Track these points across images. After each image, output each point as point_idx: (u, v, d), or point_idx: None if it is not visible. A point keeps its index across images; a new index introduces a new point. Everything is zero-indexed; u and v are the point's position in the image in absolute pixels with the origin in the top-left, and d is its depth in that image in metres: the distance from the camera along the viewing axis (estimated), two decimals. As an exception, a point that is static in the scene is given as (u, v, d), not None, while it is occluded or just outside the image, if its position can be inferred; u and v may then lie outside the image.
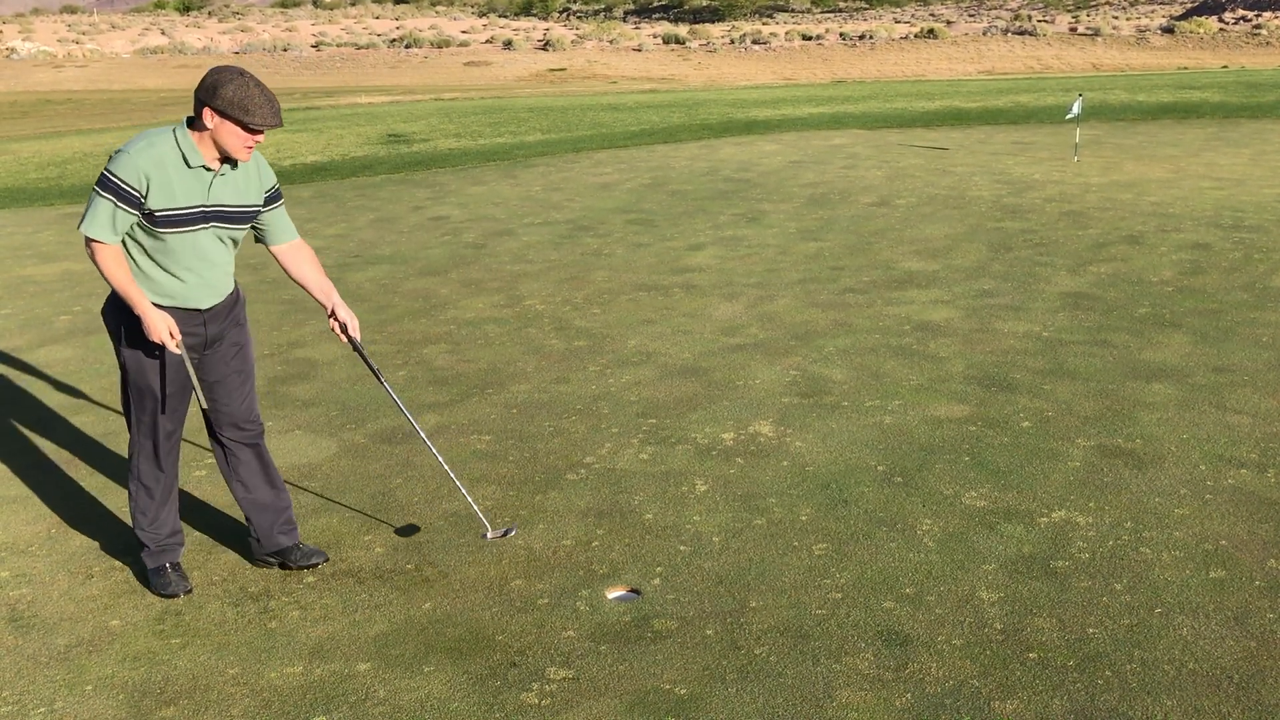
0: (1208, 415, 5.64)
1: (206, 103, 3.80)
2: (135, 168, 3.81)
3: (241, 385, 4.26)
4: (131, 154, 3.82)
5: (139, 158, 3.82)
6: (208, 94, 3.79)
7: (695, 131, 19.06)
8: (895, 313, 7.63)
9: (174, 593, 4.20)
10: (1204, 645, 3.67)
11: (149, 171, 3.82)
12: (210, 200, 3.96)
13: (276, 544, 4.37)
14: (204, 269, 4.03)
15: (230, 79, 3.80)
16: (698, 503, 4.84)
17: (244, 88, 3.79)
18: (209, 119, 3.82)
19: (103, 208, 3.83)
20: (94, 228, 3.86)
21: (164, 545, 4.27)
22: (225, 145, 3.87)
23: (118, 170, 3.81)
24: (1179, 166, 13.44)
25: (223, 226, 4.04)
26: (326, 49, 62.68)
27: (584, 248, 10.09)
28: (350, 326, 4.32)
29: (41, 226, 12.22)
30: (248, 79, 3.82)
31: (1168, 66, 43.20)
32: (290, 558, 4.37)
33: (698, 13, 79.56)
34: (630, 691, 3.53)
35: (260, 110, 3.80)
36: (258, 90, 3.81)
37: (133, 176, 3.80)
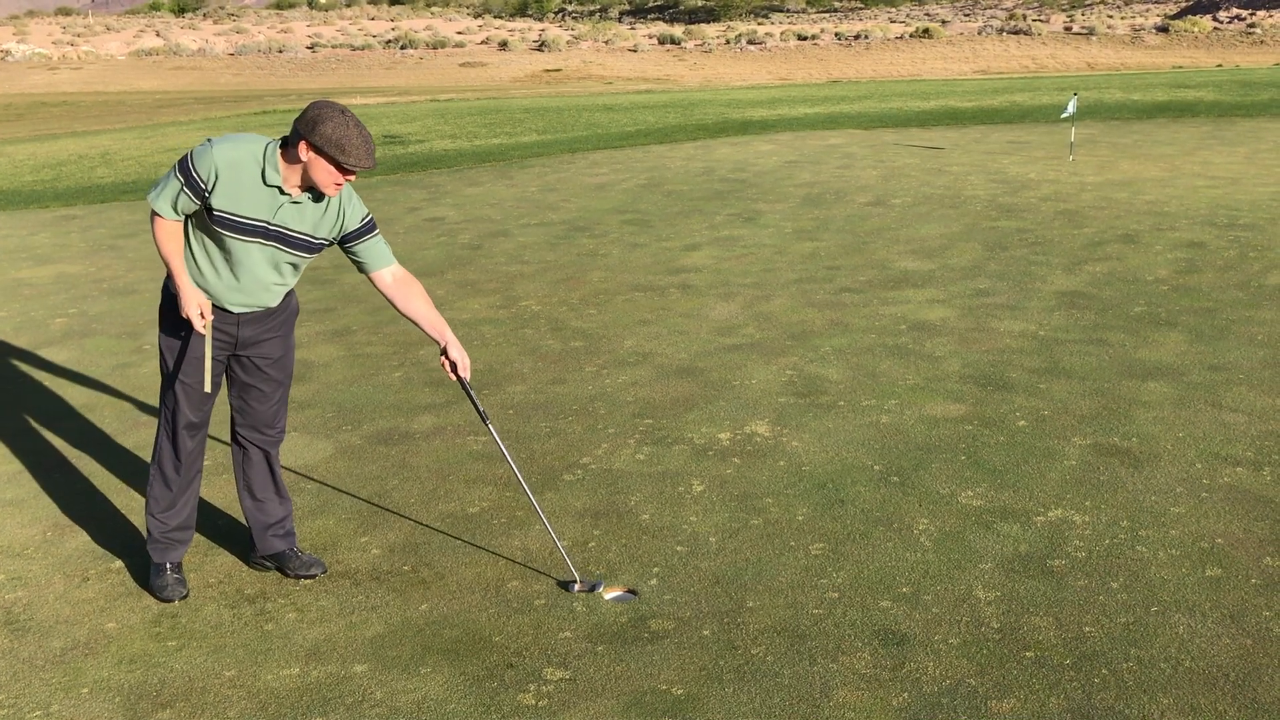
0: (1203, 413, 5.64)
1: (305, 136, 3.81)
2: (210, 161, 3.84)
3: (272, 394, 4.28)
4: (215, 148, 3.86)
5: (218, 154, 3.85)
6: (307, 128, 3.80)
7: (691, 132, 19.07)
8: (891, 312, 7.64)
9: (169, 597, 4.19)
10: (1200, 643, 3.68)
11: (221, 170, 3.85)
12: (275, 220, 3.96)
13: (272, 548, 4.37)
14: (245, 278, 4.03)
15: (331, 116, 3.80)
16: (694, 503, 4.84)
17: (343, 126, 3.79)
18: (304, 152, 3.83)
19: (171, 186, 3.89)
20: (159, 201, 3.92)
21: (170, 537, 4.25)
22: (315, 179, 3.87)
23: (195, 157, 3.86)
24: (1174, 165, 13.46)
25: (281, 249, 4.02)
26: (322, 50, 62.63)
27: (580, 248, 10.08)
28: (461, 366, 4.29)
29: (37, 229, 12.20)
30: (348, 118, 3.82)
31: (1162, 65, 43.26)
32: (288, 564, 4.36)
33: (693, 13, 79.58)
34: (627, 692, 3.53)
35: (356, 152, 3.81)
36: (356, 130, 3.82)
37: (205, 168, 3.84)
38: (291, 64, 58.48)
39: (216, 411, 4.80)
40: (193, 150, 3.90)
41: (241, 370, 4.22)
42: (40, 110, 36.48)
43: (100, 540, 4.69)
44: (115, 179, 16.32)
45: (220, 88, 49.11)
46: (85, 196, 14.54)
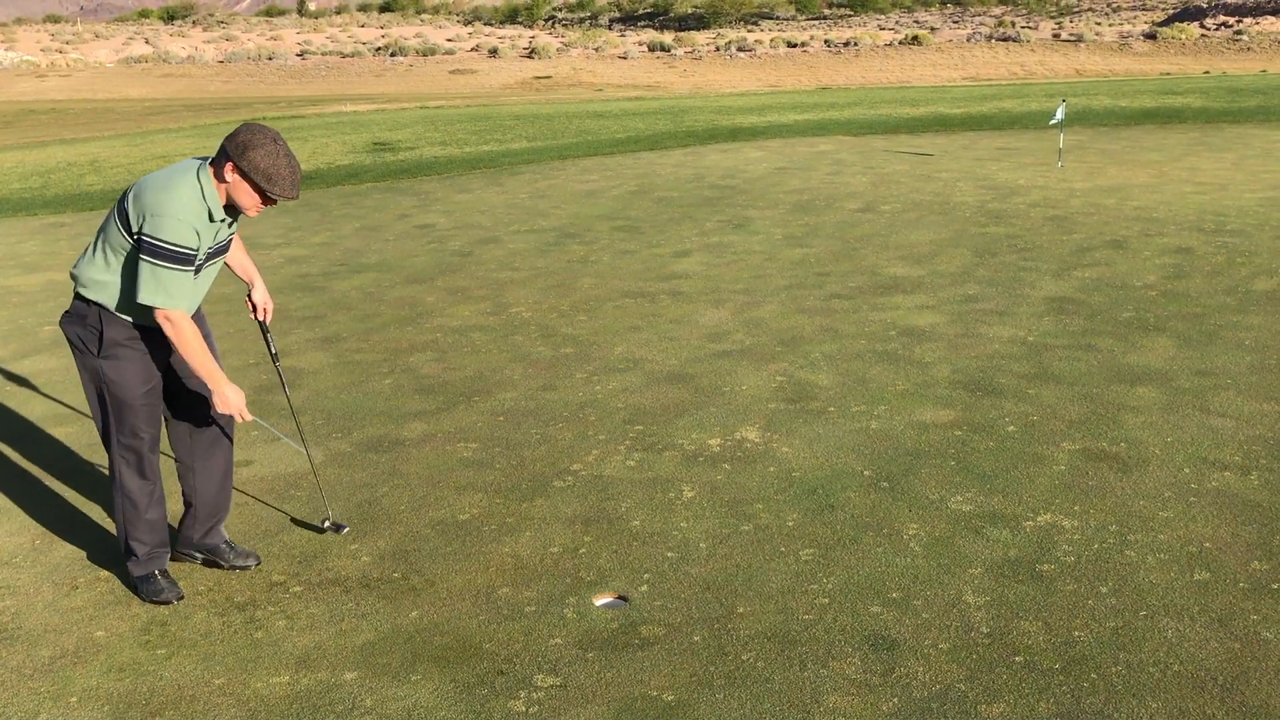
0: (1191, 418, 5.67)
1: (234, 160, 3.81)
2: (190, 231, 3.83)
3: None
4: (180, 218, 3.81)
5: (188, 220, 3.82)
6: (237, 152, 3.80)
7: (681, 138, 19.10)
8: (881, 318, 7.66)
9: (166, 599, 4.19)
10: (1189, 647, 3.69)
11: (198, 229, 3.87)
12: (216, 241, 4.04)
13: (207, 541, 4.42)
14: (199, 297, 4.14)
15: (263, 144, 3.80)
16: (685, 509, 4.84)
17: (274, 156, 3.80)
18: (229, 173, 3.84)
19: (174, 278, 3.84)
20: (171, 300, 3.87)
21: (153, 554, 4.27)
22: (237, 200, 3.90)
23: (177, 239, 3.81)
24: (1162, 171, 13.52)
25: (219, 258, 4.16)
26: (311, 57, 62.59)
27: (570, 255, 10.09)
28: (261, 310, 4.45)
29: (25, 237, 12.17)
30: (279, 147, 3.83)
31: (1150, 72, 43.48)
32: (223, 556, 4.42)
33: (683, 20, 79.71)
34: (618, 698, 3.53)
35: (283, 183, 3.83)
36: (286, 161, 3.83)
37: (191, 239, 3.84)
38: (281, 71, 58.44)
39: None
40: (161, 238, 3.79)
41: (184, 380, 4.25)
42: (28, 118, 36.38)
43: (89, 549, 4.68)
44: (104, 186, 16.28)
45: (209, 95, 49.05)
46: (74, 204, 14.51)
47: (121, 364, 4.06)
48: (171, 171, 3.94)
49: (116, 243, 3.94)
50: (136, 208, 3.86)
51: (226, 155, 3.82)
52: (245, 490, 5.19)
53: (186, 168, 3.93)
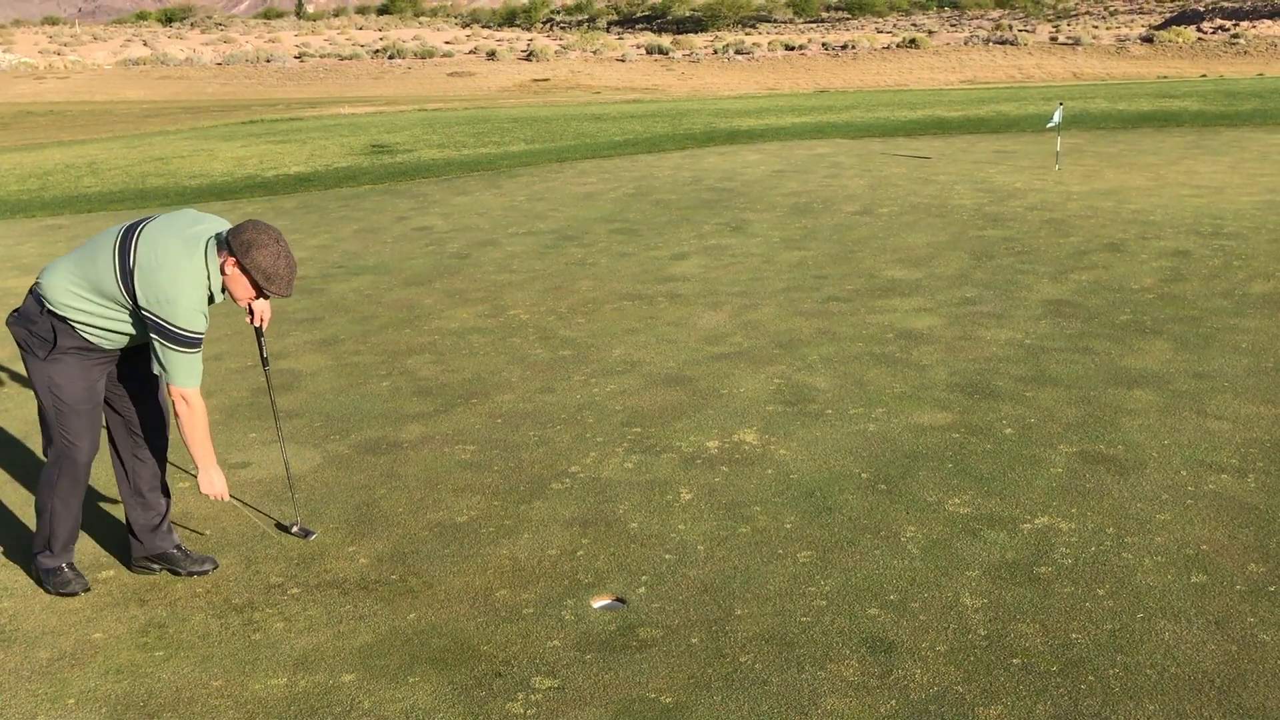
0: (1188, 421, 5.67)
1: (237, 256, 3.92)
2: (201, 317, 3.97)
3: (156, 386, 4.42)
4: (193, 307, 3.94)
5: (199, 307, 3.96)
6: (241, 249, 3.92)
7: (679, 141, 19.11)
8: (878, 321, 7.67)
9: (74, 591, 4.27)
10: (1185, 650, 3.69)
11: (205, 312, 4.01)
12: None
13: (159, 548, 4.44)
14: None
15: (266, 244, 3.93)
16: (683, 511, 4.85)
17: (275, 257, 3.94)
18: (229, 267, 3.96)
19: (192, 362, 3.99)
20: (191, 380, 4.02)
21: (66, 548, 4.35)
22: (231, 290, 4.03)
23: (190, 325, 3.94)
24: (1159, 174, 13.54)
25: None
26: (310, 60, 62.60)
27: (568, 257, 10.10)
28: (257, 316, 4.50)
29: (23, 238, 12.17)
30: (281, 248, 3.96)
31: (1147, 75, 43.54)
32: (178, 563, 4.45)
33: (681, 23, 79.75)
34: (616, 700, 3.53)
35: (280, 282, 3.98)
36: (285, 262, 3.97)
37: (201, 324, 3.99)
38: (279, 73, 58.45)
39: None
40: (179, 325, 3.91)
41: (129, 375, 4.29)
42: (26, 120, 36.37)
43: (86, 551, 4.67)
44: (102, 188, 16.28)
45: (208, 97, 49.05)
46: (72, 206, 14.51)
47: (68, 369, 4.11)
48: (181, 248, 3.97)
49: (108, 290, 3.99)
50: (146, 283, 3.91)
51: (230, 250, 3.94)
52: (242, 492, 5.19)
53: (193, 246, 3.98)
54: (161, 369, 3.99)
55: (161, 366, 3.98)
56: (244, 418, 6.21)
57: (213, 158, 19.54)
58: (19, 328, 4.15)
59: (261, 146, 21.10)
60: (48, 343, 4.08)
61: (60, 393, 4.12)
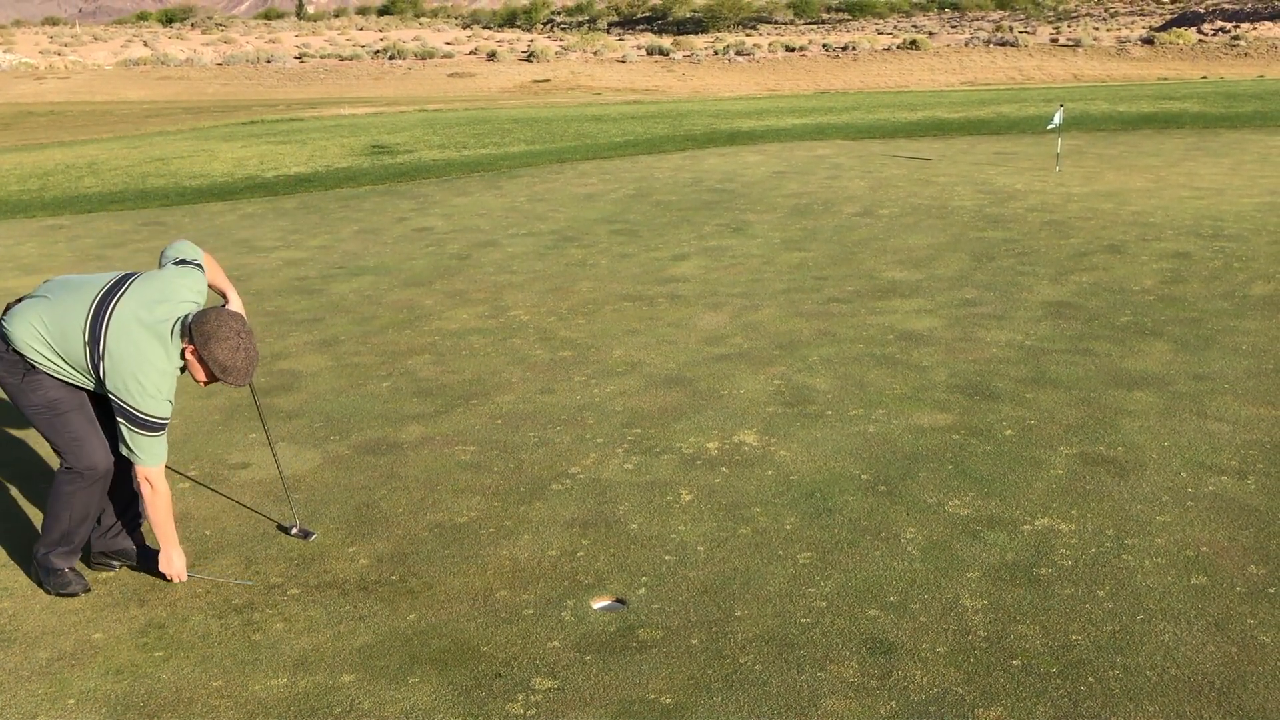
0: (1188, 423, 5.68)
1: (196, 345, 3.98)
2: (166, 404, 4.02)
3: None
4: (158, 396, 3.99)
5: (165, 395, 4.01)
6: (200, 340, 3.97)
7: (679, 142, 19.11)
8: (879, 322, 7.67)
9: (74, 591, 4.28)
10: (1185, 651, 3.69)
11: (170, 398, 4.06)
12: None
13: (118, 544, 4.46)
14: None
15: (226, 339, 3.98)
16: (683, 512, 4.85)
17: (234, 351, 3.98)
18: (189, 353, 4.02)
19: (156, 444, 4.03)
20: (156, 460, 4.06)
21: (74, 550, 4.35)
22: (192, 373, 4.09)
23: (156, 413, 3.99)
24: (1159, 176, 13.54)
25: None
26: (310, 60, 62.62)
27: (568, 258, 10.10)
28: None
29: (23, 239, 12.17)
30: (241, 342, 4.00)
31: (1148, 77, 43.56)
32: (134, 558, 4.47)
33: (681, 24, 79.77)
34: (615, 701, 3.53)
35: (236, 375, 4.03)
36: (244, 356, 4.01)
37: (167, 411, 4.04)
38: (279, 74, 58.48)
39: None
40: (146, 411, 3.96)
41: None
42: (27, 120, 36.39)
43: (86, 551, 4.67)
44: (102, 189, 16.28)
45: (208, 97, 49.07)
46: (72, 206, 14.51)
47: (45, 382, 4.13)
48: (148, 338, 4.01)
49: (75, 357, 4.03)
50: (114, 371, 3.96)
51: (190, 337, 3.99)
52: (242, 493, 5.20)
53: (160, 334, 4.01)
54: (128, 450, 4.03)
55: (128, 448, 4.02)
56: (244, 418, 6.21)
57: (213, 158, 19.55)
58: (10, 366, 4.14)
59: (262, 147, 21.11)
60: (18, 369, 4.12)
61: (49, 402, 4.13)
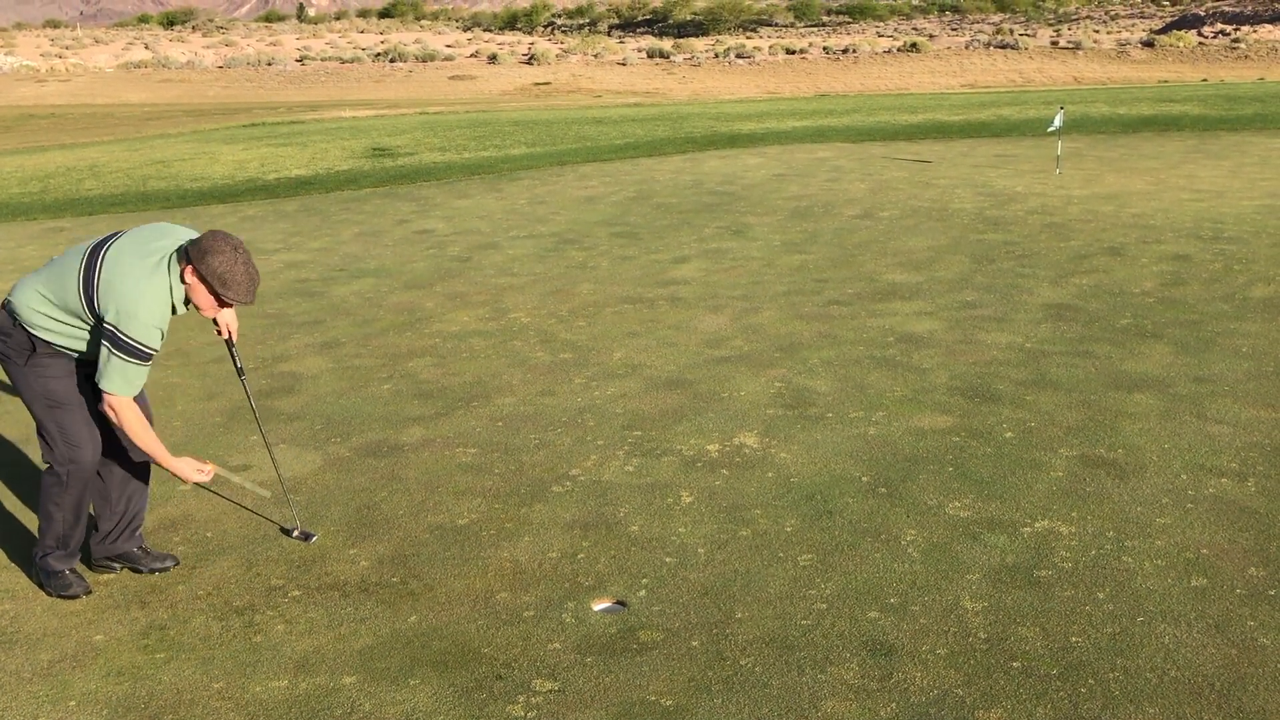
0: (1189, 425, 5.68)
1: (194, 263, 3.94)
2: (157, 334, 3.97)
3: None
4: (150, 323, 3.94)
5: (156, 324, 3.96)
6: (197, 256, 3.93)
7: (680, 145, 19.12)
8: (879, 324, 7.67)
9: (75, 594, 4.28)
10: (1186, 653, 3.70)
11: (163, 329, 4.01)
12: None
13: (119, 548, 4.45)
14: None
15: (221, 250, 3.94)
16: (683, 514, 4.85)
17: (231, 263, 3.94)
18: (188, 276, 3.97)
19: (135, 371, 3.97)
20: (129, 389, 3.99)
21: (72, 553, 4.35)
22: (195, 301, 4.04)
23: (145, 339, 3.93)
24: (1159, 179, 13.55)
25: None
26: (311, 63, 62.67)
27: (569, 260, 10.10)
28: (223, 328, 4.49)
29: (24, 241, 12.18)
30: (239, 255, 3.96)
31: (1148, 80, 43.58)
32: (139, 562, 4.46)
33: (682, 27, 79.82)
34: (616, 703, 3.54)
35: (238, 289, 3.97)
36: (244, 268, 3.96)
37: (156, 341, 3.98)
38: (280, 77, 58.52)
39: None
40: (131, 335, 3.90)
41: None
42: (28, 122, 36.41)
43: (87, 553, 4.67)
44: (103, 191, 16.30)
45: (209, 100, 49.10)
46: (73, 209, 14.53)
47: (50, 368, 4.13)
48: (144, 265, 3.98)
49: (73, 307, 4.01)
50: (107, 297, 3.93)
51: (188, 258, 3.96)
52: (243, 495, 5.20)
53: (156, 262, 3.99)
54: (105, 379, 3.95)
55: (106, 376, 3.94)
56: (245, 420, 6.21)
57: (214, 161, 19.56)
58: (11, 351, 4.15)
59: (263, 149, 21.13)
60: (25, 351, 4.12)
61: (50, 393, 4.13)
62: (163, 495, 5.19)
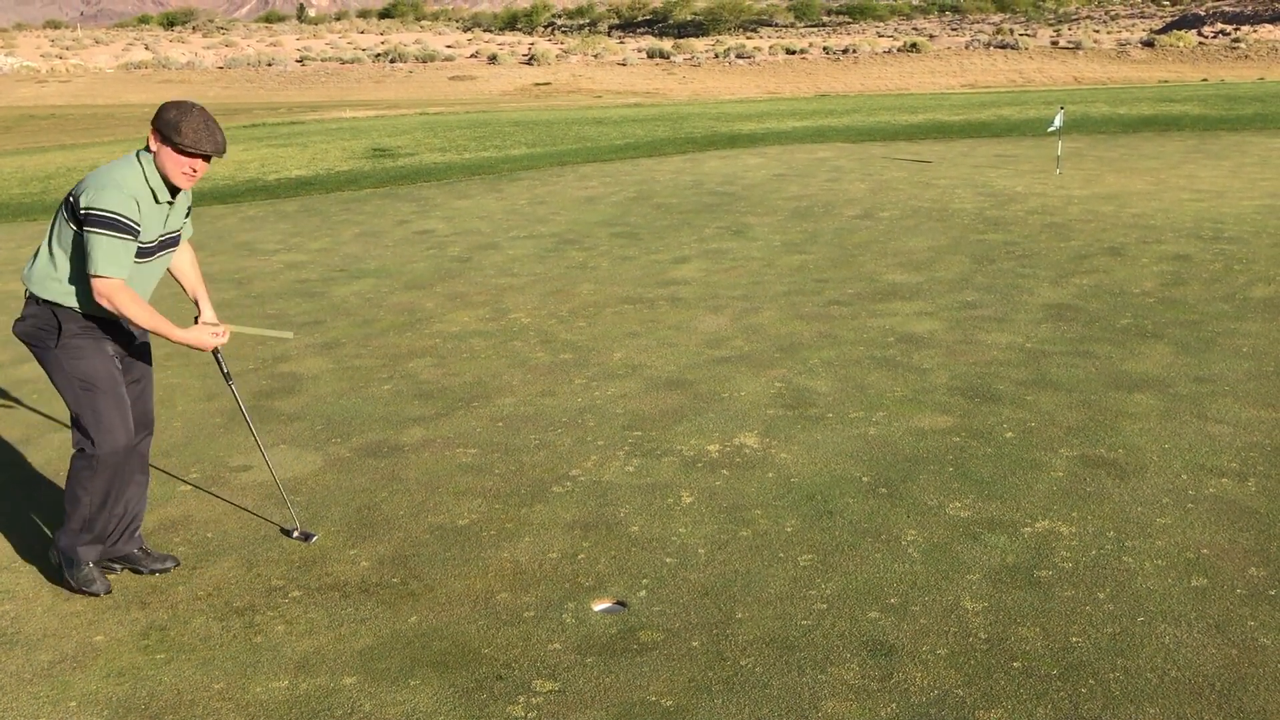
0: (1189, 425, 5.68)
1: (153, 126, 3.97)
2: (130, 201, 3.92)
3: (150, 382, 4.47)
4: (121, 189, 3.91)
5: (129, 191, 3.92)
6: (155, 120, 3.97)
7: (680, 145, 19.13)
8: (879, 325, 7.67)
9: (96, 590, 4.26)
10: (1186, 653, 3.70)
11: (139, 200, 3.96)
12: (168, 228, 4.18)
13: (120, 550, 4.43)
14: (149, 290, 4.23)
15: (176, 105, 3.98)
16: (683, 514, 4.85)
17: (186, 114, 3.94)
18: (153, 142, 3.98)
19: (115, 246, 3.91)
20: (111, 268, 3.93)
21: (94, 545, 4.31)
22: (167, 171, 4.00)
23: (117, 207, 3.89)
24: (1160, 179, 13.55)
25: (170, 251, 4.27)
26: (311, 63, 62.68)
27: (569, 261, 10.11)
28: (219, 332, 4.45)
29: (24, 242, 12.18)
30: (195, 109, 3.97)
31: (1148, 79, 43.58)
32: (140, 563, 4.46)
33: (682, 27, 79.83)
34: (616, 703, 3.54)
35: (192, 134, 3.92)
36: (200, 118, 3.95)
37: (132, 209, 3.93)
38: (280, 77, 58.52)
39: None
40: (102, 207, 3.87)
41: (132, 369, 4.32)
42: (28, 123, 36.42)
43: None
44: (104, 192, 16.29)
45: (209, 101, 49.10)
46: (73, 209, 14.51)
47: (83, 350, 4.12)
48: (116, 161, 4.07)
49: (65, 238, 4.02)
50: (83, 190, 3.96)
51: (151, 127, 3.99)
52: (244, 495, 5.20)
53: (127, 156, 4.07)
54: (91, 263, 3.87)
55: (91, 259, 3.87)
56: (245, 421, 6.20)
57: (214, 161, 19.56)
58: (23, 325, 4.17)
59: (263, 150, 21.13)
60: (54, 330, 4.10)
61: (84, 375, 4.10)
62: (163, 496, 5.19)
